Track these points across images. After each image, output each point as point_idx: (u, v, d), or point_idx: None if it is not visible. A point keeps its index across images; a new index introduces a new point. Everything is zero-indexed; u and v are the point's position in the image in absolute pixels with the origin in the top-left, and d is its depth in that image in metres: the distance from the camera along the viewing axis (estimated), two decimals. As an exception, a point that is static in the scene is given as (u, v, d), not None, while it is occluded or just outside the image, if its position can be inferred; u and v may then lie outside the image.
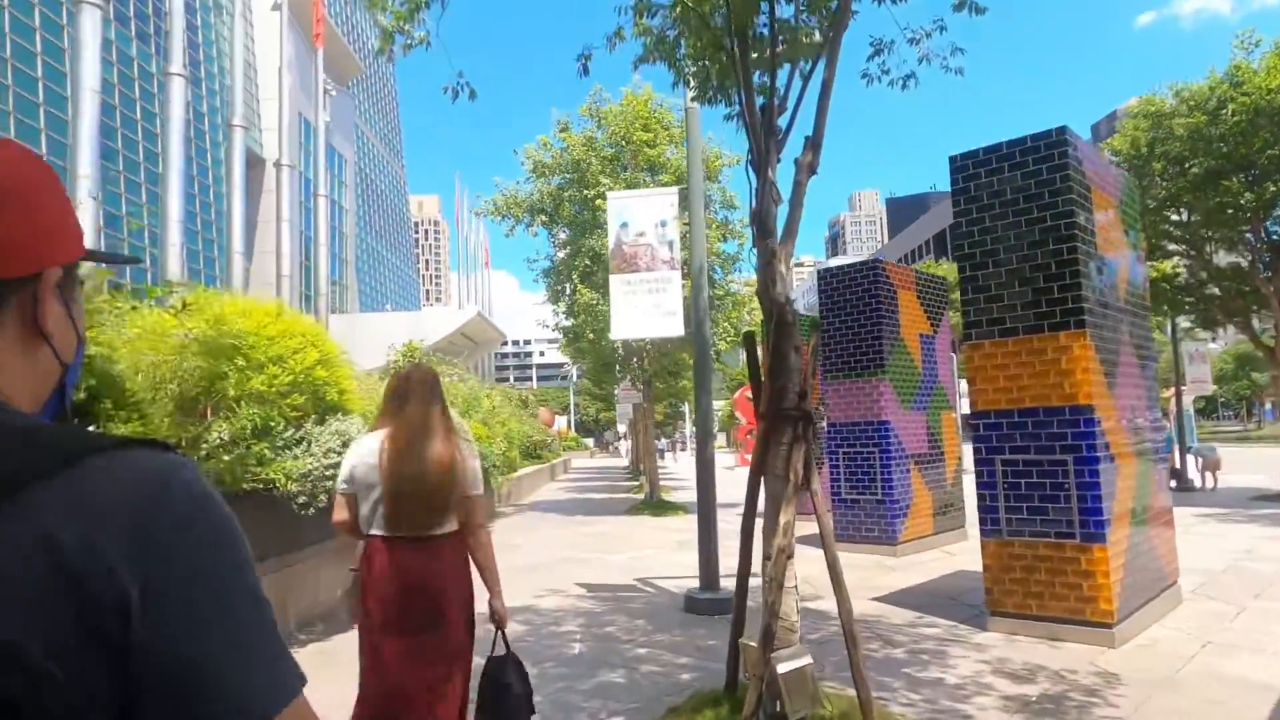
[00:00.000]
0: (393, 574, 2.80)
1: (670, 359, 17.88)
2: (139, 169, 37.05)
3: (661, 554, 10.85)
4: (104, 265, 5.62)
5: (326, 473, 6.24)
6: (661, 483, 19.51)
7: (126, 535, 0.58)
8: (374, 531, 2.86)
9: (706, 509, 7.36)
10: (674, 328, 7.68)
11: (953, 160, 6.61)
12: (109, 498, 0.59)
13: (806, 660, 3.72)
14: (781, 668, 3.64)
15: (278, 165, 38.74)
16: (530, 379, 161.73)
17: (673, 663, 5.61)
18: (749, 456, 24.82)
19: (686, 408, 57.57)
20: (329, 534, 7.04)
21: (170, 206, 27.21)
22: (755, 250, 4.09)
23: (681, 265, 7.78)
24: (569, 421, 73.39)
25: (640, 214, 7.72)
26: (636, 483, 24.93)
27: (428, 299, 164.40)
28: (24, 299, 0.69)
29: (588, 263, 16.44)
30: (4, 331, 0.68)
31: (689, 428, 66.97)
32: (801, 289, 13.12)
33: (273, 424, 5.90)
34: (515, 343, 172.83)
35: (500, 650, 2.98)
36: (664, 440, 66.06)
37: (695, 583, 7.53)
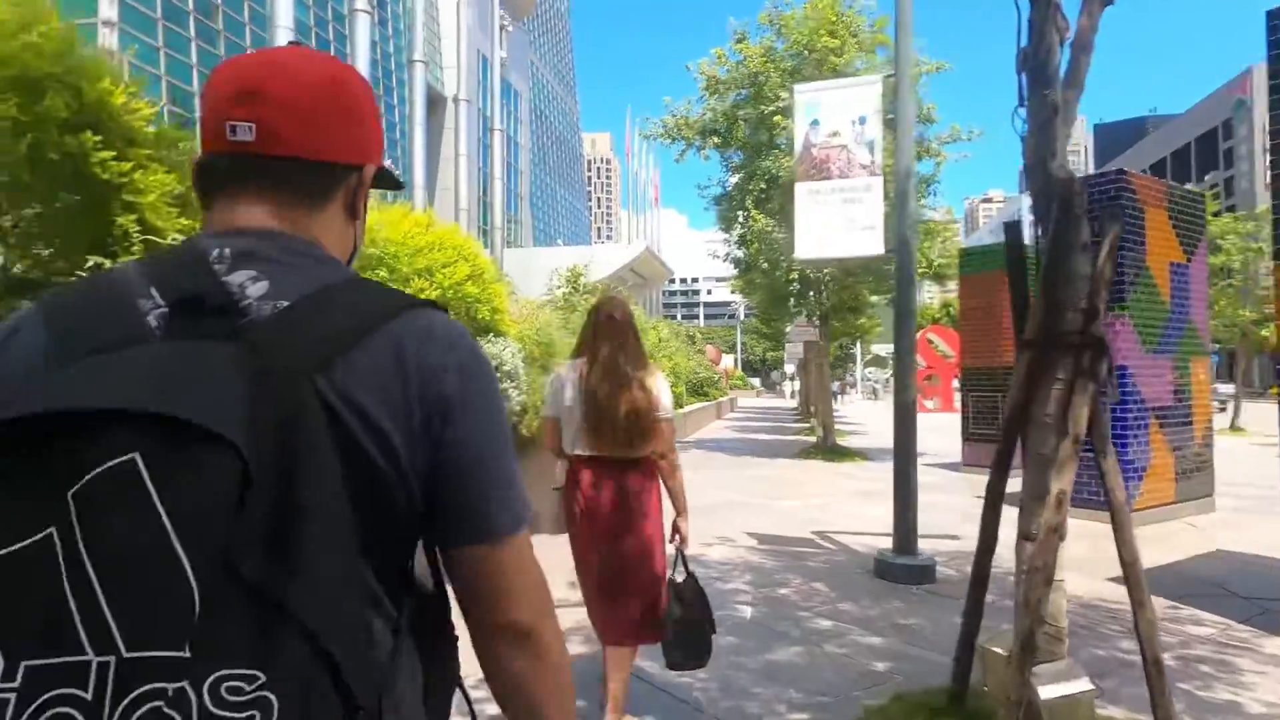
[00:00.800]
0: (594, 490, 3.13)
1: (851, 292, 16.38)
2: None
3: (838, 504, 9.80)
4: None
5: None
6: (835, 426, 18.21)
7: (447, 356, 0.78)
8: (577, 452, 3.17)
9: (904, 461, 6.23)
10: (872, 244, 6.47)
11: (1272, 15, 4.91)
12: (435, 331, 0.79)
13: (1084, 685, 2.65)
14: (1047, 690, 2.59)
15: (456, 100, 39.58)
16: (697, 317, 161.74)
17: (861, 642, 4.65)
18: (928, 403, 22.89)
19: (858, 349, 54.98)
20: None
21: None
22: (1023, 109, 2.90)
23: (883, 171, 6.51)
24: (735, 360, 72.50)
25: (835, 109, 6.49)
26: (807, 425, 23.73)
27: (598, 236, 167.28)
28: (350, 185, 0.87)
29: (763, 187, 15.18)
30: (335, 207, 0.86)
31: (860, 370, 64.20)
32: (991, 224, 11.26)
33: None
34: (683, 280, 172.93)
35: (682, 573, 3.21)
36: (835, 383, 63.79)
37: (886, 543, 6.46)
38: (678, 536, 3.22)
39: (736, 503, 9.73)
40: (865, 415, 32.31)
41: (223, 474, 0.56)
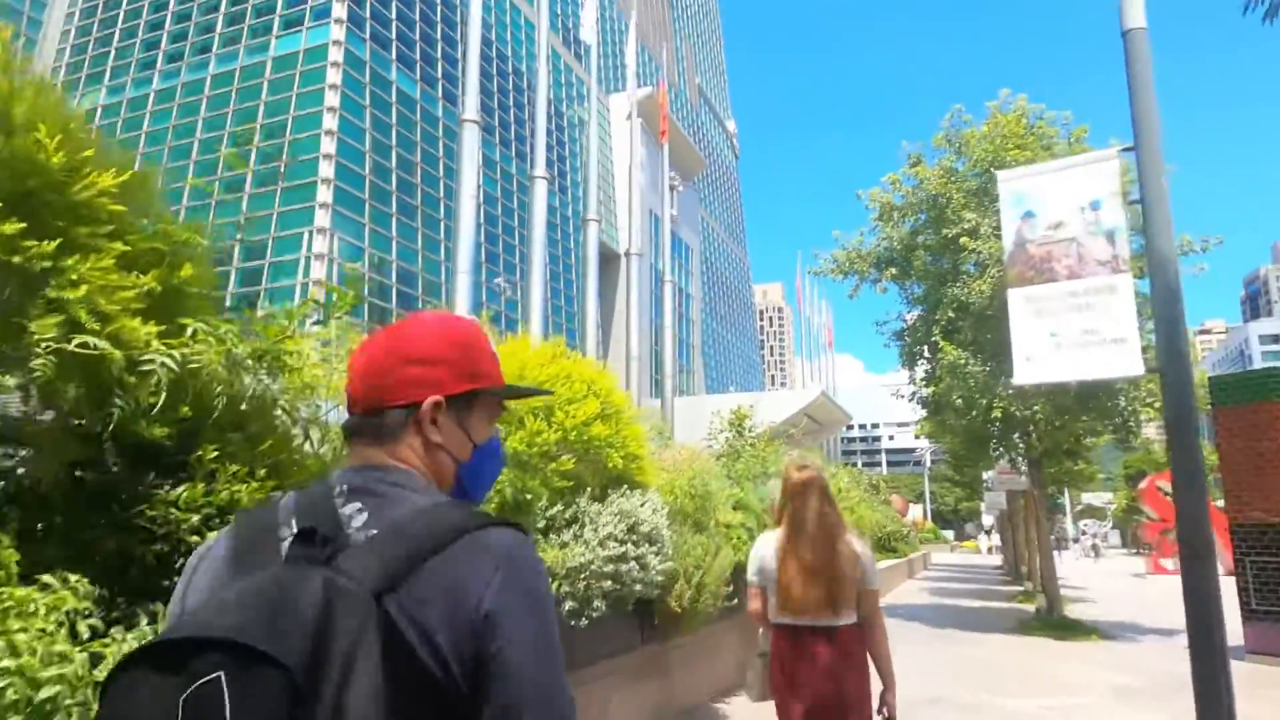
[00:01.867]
0: (798, 659, 3.14)
1: (1067, 432, 13.97)
2: (498, 259, 41.44)
3: (1095, 706, 7.49)
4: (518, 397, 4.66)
5: (605, 568, 4.51)
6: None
7: (494, 574, 0.89)
8: (781, 619, 3.20)
9: (1208, 657, 4.31)
10: (1125, 362, 4.87)
11: None
12: (491, 548, 0.90)
13: None
14: None
15: (627, 255, 40.95)
16: (878, 464, 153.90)
17: None
18: (1166, 563, 18.81)
19: (1067, 498, 48.89)
20: (619, 646, 5.33)
21: (533, 295, 29.41)
22: None
23: (1130, 265, 5.01)
24: (924, 511, 66.92)
25: (1056, 195, 5.15)
26: (1020, 590, 20.42)
27: (772, 384, 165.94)
28: (416, 419, 1.04)
29: (951, 316, 13.56)
30: (411, 438, 1.04)
31: (1071, 522, 57.02)
32: (1211, 359, 8.95)
33: (530, 496, 4.32)
34: (862, 426, 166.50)
35: None
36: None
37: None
38: (885, 709, 3.14)
39: (946, 698, 7.69)
40: (1086, 577, 27.82)
41: (278, 691, 0.71)
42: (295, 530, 0.90)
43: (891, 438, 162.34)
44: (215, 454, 2.30)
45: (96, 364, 1.98)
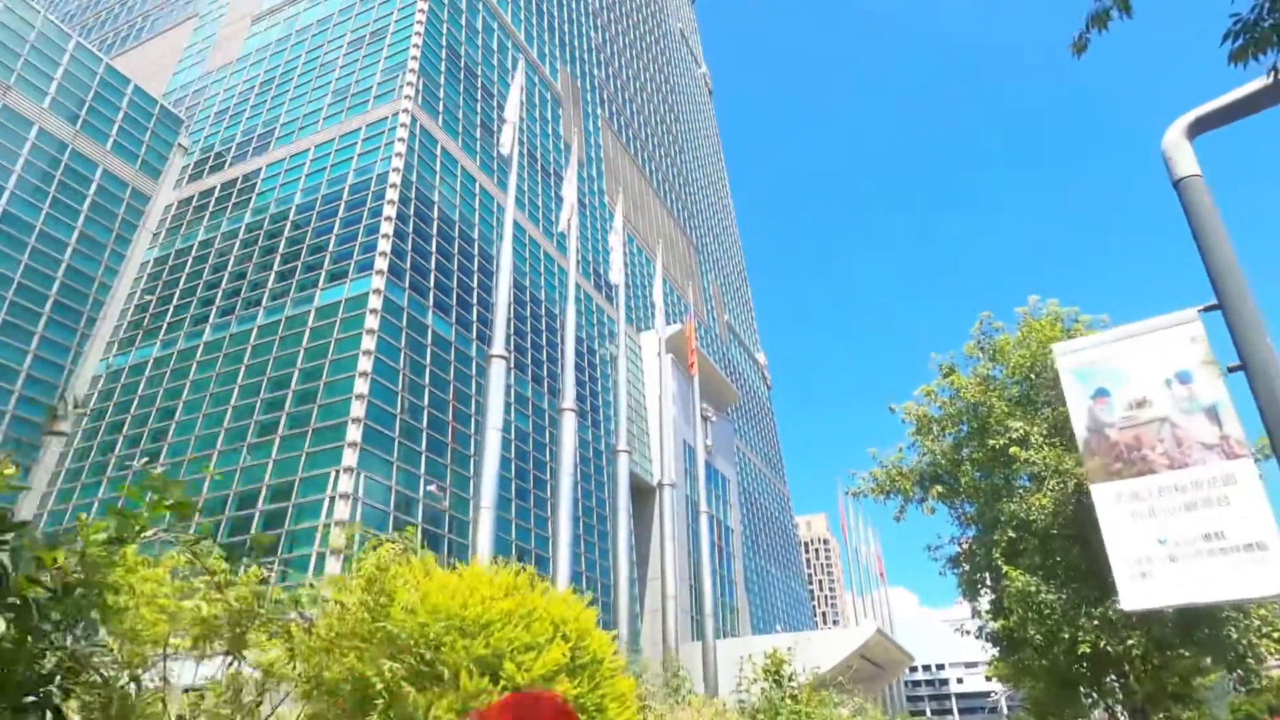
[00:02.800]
0: None
1: (1172, 670, 11.83)
2: (529, 495, 40.38)
3: None
4: None
5: None
6: None
7: None
8: None
9: None
10: (1269, 576, 3.63)
11: None
12: None
13: None
14: None
15: (660, 485, 39.83)
16: (949, 710, 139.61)
17: None
18: None
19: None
20: None
21: (561, 531, 28.08)
22: None
23: (1248, 446, 3.92)
24: (1009, 768, 59.03)
25: (1132, 367, 4.19)
26: None
27: (823, 621, 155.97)
28: None
29: (1011, 535, 12.09)
30: None
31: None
32: None
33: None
34: (926, 668, 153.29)
35: None
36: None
37: None
38: None
39: None
40: None
41: None
42: None
43: (960, 680, 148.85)
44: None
45: None
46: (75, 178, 42.99)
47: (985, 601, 13.71)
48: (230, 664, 3.59)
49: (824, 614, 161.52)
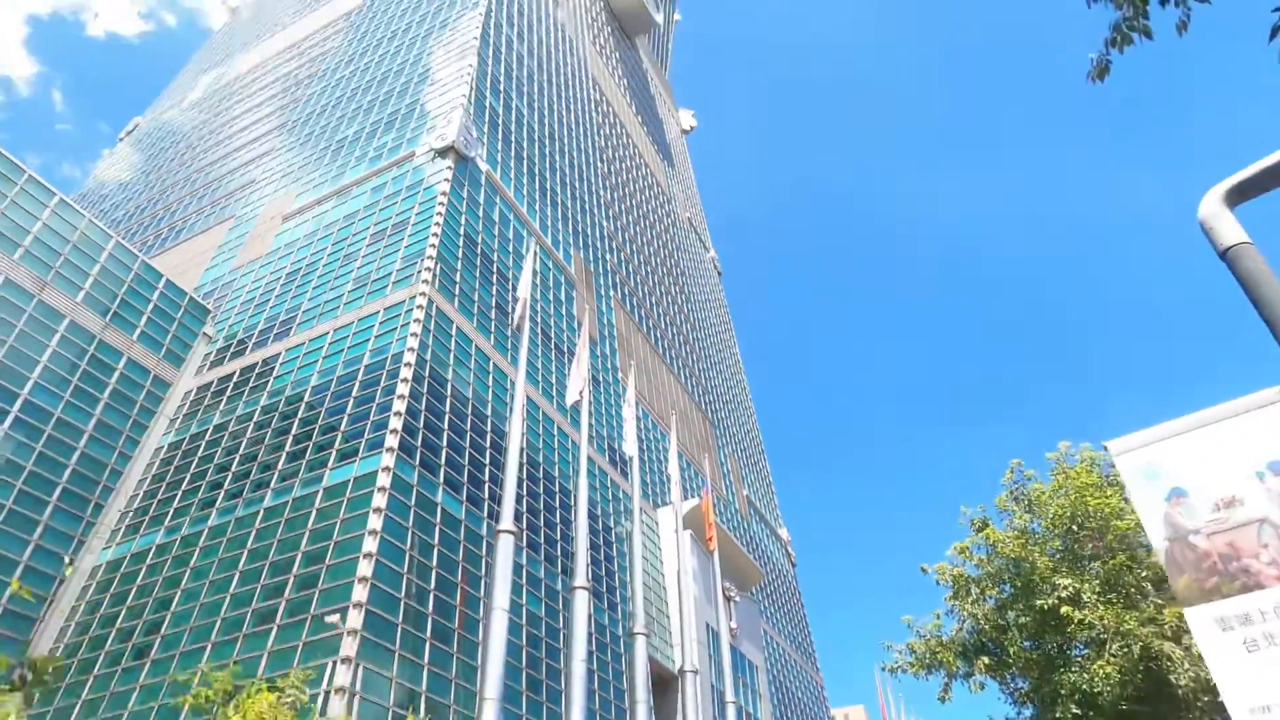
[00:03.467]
0: None
1: None
2: (541, 686, 37.38)
3: None
4: None
5: None
6: None
7: None
8: None
9: None
10: None
11: None
12: None
13: None
14: None
15: (681, 672, 36.96)
16: None
17: None
18: None
19: None
20: None
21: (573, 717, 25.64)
22: None
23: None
24: None
25: (1211, 461, 3.45)
26: None
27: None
28: None
29: (1075, 712, 10.56)
30: None
31: None
32: None
33: None
34: None
35: None
36: None
37: None
38: None
39: None
40: None
41: None
42: None
43: None
44: None
45: None
46: (99, 367, 43.96)
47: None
48: None
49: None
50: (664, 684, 47.68)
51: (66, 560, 39.01)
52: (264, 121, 78.86)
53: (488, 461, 41.92)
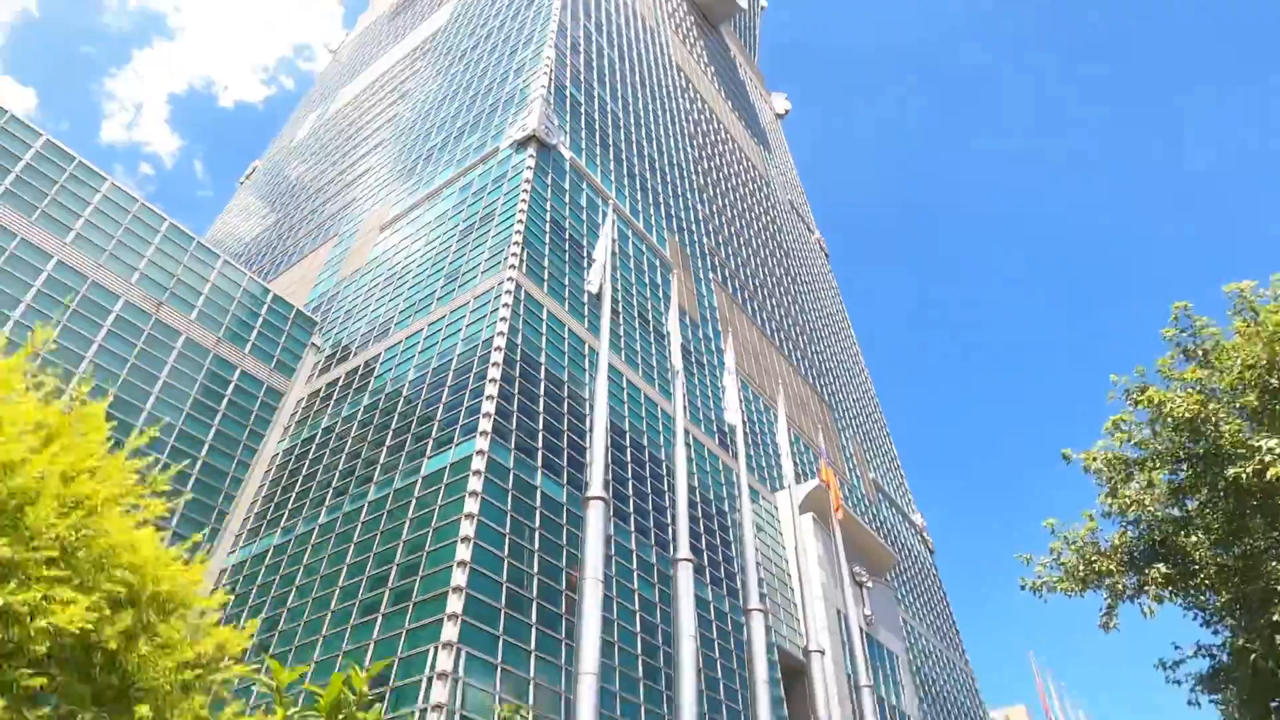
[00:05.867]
0: None
1: None
2: (660, 675, 35.28)
3: None
4: None
5: None
6: None
7: None
8: None
9: None
10: None
11: None
12: None
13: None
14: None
15: (807, 653, 34.10)
16: None
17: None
18: None
19: None
20: None
21: (684, 703, 23.57)
22: None
23: None
24: None
25: None
26: None
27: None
28: None
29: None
30: None
31: None
32: None
33: None
34: None
35: None
36: None
37: None
38: None
39: None
40: None
41: None
42: None
43: None
44: None
45: None
46: (215, 380, 45.51)
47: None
48: None
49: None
50: (793, 674, 44.74)
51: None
52: (361, 145, 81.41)
53: (589, 444, 40.44)
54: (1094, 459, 10.07)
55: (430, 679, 26.95)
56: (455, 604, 28.75)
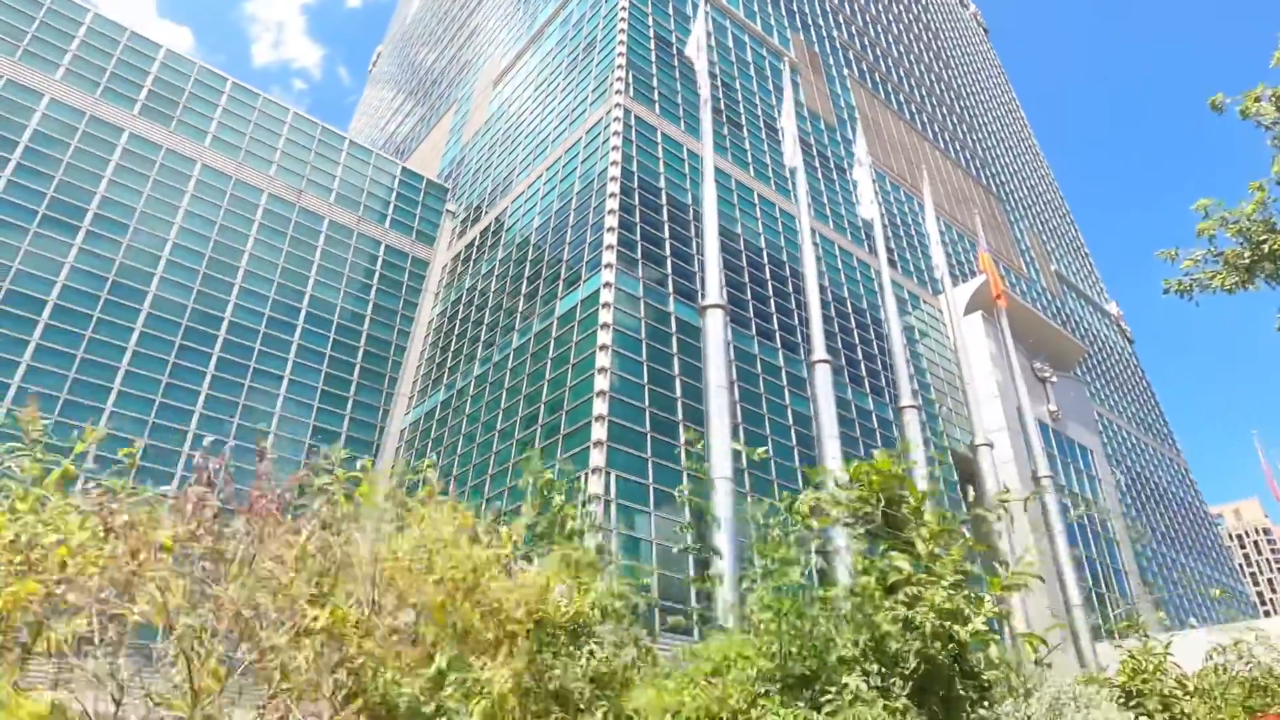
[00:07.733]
0: None
1: None
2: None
3: None
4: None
5: None
6: None
7: None
8: None
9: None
10: None
11: None
12: None
13: None
14: None
15: (974, 447, 32.20)
16: None
17: None
18: None
19: None
20: None
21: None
22: None
23: None
24: None
25: None
26: None
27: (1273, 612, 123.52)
28: None
29: None
30: None
31: None
32: None
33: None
34: None
35: None
36: None
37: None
38: None
39: None
40: None
41: None
42: None
43: None
44: None
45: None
46: (363, 256, 47.59)
47: None
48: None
49: (1267, 611, 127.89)
50: (967, 475, 42.91)
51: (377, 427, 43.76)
52: (466, 6, 79.29)
53: (721, 265, 38.90)
54: (1255, 100, 7.41)
55: (585, 503, 27.82)
56: (599, 431, 29.15)
